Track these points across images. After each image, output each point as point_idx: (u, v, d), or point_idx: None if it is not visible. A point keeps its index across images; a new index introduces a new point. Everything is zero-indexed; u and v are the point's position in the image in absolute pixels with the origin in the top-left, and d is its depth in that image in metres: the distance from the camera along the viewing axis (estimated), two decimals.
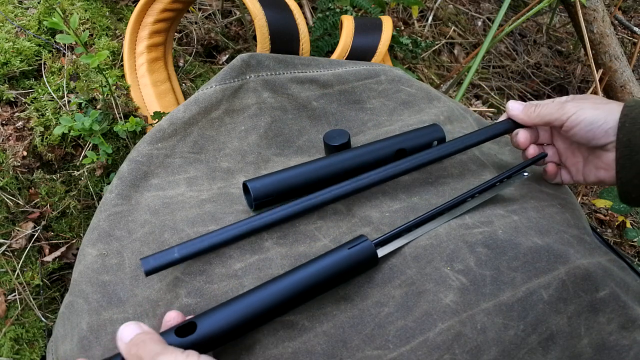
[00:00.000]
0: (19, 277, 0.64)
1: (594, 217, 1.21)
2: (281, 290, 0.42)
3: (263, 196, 0.50)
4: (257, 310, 0.41)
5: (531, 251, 0.49)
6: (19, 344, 0.64)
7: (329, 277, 0.43)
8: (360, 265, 0.45)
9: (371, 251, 0.45)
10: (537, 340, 0.45)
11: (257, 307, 0.41)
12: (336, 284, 0.45)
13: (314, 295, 0.44)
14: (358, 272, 0.46)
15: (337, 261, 0.44)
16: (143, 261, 0.43)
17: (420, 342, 0.43)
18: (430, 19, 1.39)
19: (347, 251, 0.45)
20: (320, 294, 0.44)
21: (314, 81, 0.62)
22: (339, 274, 0.44)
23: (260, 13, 0.64)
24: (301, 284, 0.42)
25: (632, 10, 1.75)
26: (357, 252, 0.45)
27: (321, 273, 0.43)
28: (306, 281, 0.43)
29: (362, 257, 0.45)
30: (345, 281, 0.45)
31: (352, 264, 0.44)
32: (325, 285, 0.44)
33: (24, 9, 0.75)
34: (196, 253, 0.45)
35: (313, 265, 0.44)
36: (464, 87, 0.95)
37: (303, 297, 0.43)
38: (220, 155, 0.57)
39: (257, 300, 0.41)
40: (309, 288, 0.43)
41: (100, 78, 0.70)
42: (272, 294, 0.42)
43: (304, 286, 0.42)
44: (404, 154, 0.56)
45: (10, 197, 0.64)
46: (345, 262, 0.44)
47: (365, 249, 0.45)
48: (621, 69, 1.20)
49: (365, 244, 0.45)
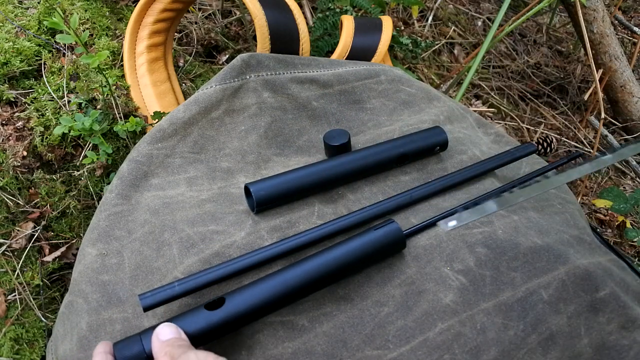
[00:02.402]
0: (19, 277, 0.64)
1: (594, 217, 1.21)
2: (309, 271, 0.43)
3: (265, 201, 0.50)
4: (285, 289, 0.42)
5: (531, 251, 0.49)
6: (19, 344, 0.64)
7: (356, 258, 0.45)
8: (388, 248, 0.46)
9: (398, 234, 0.46)
10: (537, 340, 0.45)
11: (284, 286, 0.42)
12: (363, 267, 0.46)
13: (340, 277, 0.45)
14: (386, 254, 0.47)
15: (365, 243, 0.45)
16: (140, 297, 0.42)
17: (420, 342, 0.43)
18: (430, 19, 1.39)
19: (373, 232, 0.46)
20: (347, 277, 0.45)
21: (314, 81, 0.62)
22: (366, 255, 0.45)
23: (260, 13, 0.64)
24: (328, 265, 0.44)
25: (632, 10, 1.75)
26: (385, 234, 0.46)
27: (349, 254, 0.45)
28: (334, 262, 0.44)
29: (390, 240, 0.46)
30: (372, 264, 0.46)
31: (379, 246, 0.46)
32: (352, 267, 0.45)
33: (24, 9, 0.75)
34: (197, 288, 0.43)
35: (341, 247, 0.45)
36: (464, 87, 0.95)
37: (329, 279, 0.44)
38: (220, 155, 0.57)
39: (284, 280, 0.43)
40: (335, 269, 0.44)
41: (100, 78, 0.70)
42: (299, 274, 0.43)
43: (331, 268, 0.44)
44: (406, 157, 0.56)
45: (10, 197, 0.64)
46: (372, 244, 0.45)
47: (393, 232, 0.46)
48: (621, 69, 1.20)
49: (393, 225, 0.46)
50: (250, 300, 0.42)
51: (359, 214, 0.50)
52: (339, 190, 0.54)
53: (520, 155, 0.59)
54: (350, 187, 0.55)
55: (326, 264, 0.44)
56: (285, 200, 0.51)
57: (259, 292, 0.42)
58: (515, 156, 0.58)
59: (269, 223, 0.50)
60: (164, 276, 0.47)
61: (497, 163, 0.57)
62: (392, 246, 0.47)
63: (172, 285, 0.42)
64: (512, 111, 1.33)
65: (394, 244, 0.47)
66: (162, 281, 0.47)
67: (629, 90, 1.23)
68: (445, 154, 0.59)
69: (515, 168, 0.62)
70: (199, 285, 0.43)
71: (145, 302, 0.41)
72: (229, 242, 0.48)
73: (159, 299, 0.42)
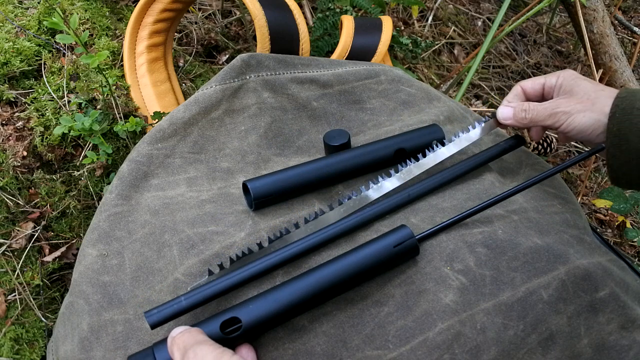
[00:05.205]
0: (19, 277, 0.64)
1: (594, 217, 1.21)
2: (321, 282, 0.43)
3: (263, 196, 0.50)
4: (300, 301, 0.42)
5: (531, 251, 0.49)
6: (19, 344, 0.64)
7: (371, 269, 0.44)
8: (401, 255, 0.46)
9: (412, 243, 0.46)
10: (536, 340, 0.45)
11: (300, 298, 0.42)
12: (375, 274, 0.46)
13: (352, 287, 0.45)
14: (398, 262, 0.46)
15: (377, 250, 0.45)
16: (146, 315, 0.41)
17: (420, 341, 0.43)
18: (430, 19, 1.39)
19: (386, 239, 0.46)
20: (361, 283, 0.45)
21: (314, 81, 0.62)
22: (378, 263, 0.45)
23: (260, 13, 0.64)
24: (342, 275, 0.43)
25: (632, 10, 1.75)
26: (397, 241, 0.46)
27: (363, 264, 0.44)
28: (347, 273, 0.44)
29: (403, 248, 0.46)
30: (385, 271, 0.46)
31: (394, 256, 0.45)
32: (365, 277, 0.45)
33: (24, 9, 0.75)
34: (204, 301, 0.43)
35: (354, 256, 0.45)
36: (464, 87, 0.95)
37: (342, 288, 0.44)
38: (220, 156, 0.57)
39: (299, 290, 0.42)
40: (349, 280, 0.44)
41: (100, 78, 0.70)
42: (313, 285, 0.43)
43: (345, 278, 0.44)
44: (403, 154, 0.56)
45: (10, 197, 0.64)
46: (384, 252, 0.45)
47: (405, 237, 0.46)
48: (621, 69, 1.20)
49: (405, 231, 0.46)
50: (265, 316, 0.41)
51: (359, 216, 0.50)
52: (337, 188, 0.54)
53: (510, 147, 0.59)
54: (348, 184, 0.55)
55: (338, 275, 0.43)
56: (283, 197, 0.51)
57: (274, 306, 0.41)
58: (504, 148, 0.58)
59: (269, 223, 0.50)
60: (165, 277, 0.47)
61: (489, 156, 0.57)
62: (406, 255, 0.46)
63: (178, 300, 0.41)
64: None
65: (408, 252, 0.46)
66: (162, 282, 0.47)
67: None
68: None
69: (516, 168, 0.62)
70: (207, 298, 0.42)
71: (152, 319, 0.40)
72: (229, 242, 0.48)
73: (165, 315, 0.41)
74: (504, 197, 0.50)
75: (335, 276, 0.43)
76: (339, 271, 0.44)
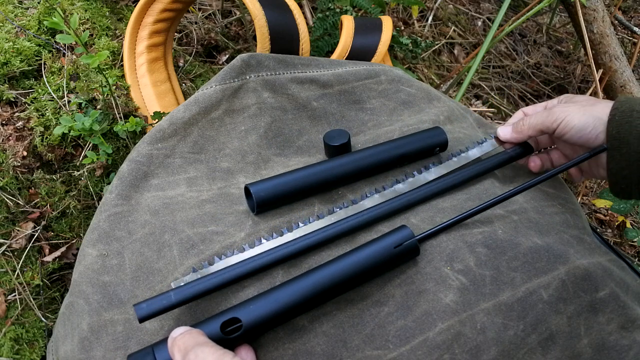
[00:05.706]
0: (19, 277, 0.64)
1: (594, 217, 1.21)
2: (322, 283, 0.43)
3: (265, 201, 0.50)
4: (300, 301, 0.42)
5: (531, 251, 0.49)
6: (19, 344, 0.64)
7: (371, 269, 0.44)
8: (401, 256, 0.46)
9: (411, 241, 0.46)
10: (536, 340, 0.45)
11: (300, 298, 0.42)
12: (376, 274, 0.45)
13: (353, 287, 0.45)
14: (398, 262, 0.46)
15: (377, 250, 0.45)
16: (136, 307, 0.41)
17: (420, 341, 0.43)
18: (430, 19, 1.39)
19: (387, 239, 0.46)
20: (361, 284, 0.45)
21: (314, 81, 0.62)
22: (379, 264, 0.45)
23: (260, 13, 0.64)
24: (341, 276, 0.43)
25: (632, 10, 1.75)
26: (397, 241, 0.46)
27: (363, 264, 0.44)
28: (347, 273, 0.44)
29: (404, 249, 0.46)
30: (386, 271, 0.46)
31: (394, 257, 0.45)
32: (365, 278, 0.45)
33: (24, 9, 0.75)
34: (194, 297, 0.42)
35: (354, 257, 0.45)
36: (464, 87, 0.95)
37: (341, 289, 0.44)
38: (220, 156, 0.57)
39: (300, 290, 0.42)
40: (348, 280, 0.44)
41: (100, 78, 0.70)
42: (313, 285, 0.43)
43: (344, 279, 0.43)
44: (406, 160, 0.56)
45: (10, 197, 0.64)
46: (385, 252, 0.45)
47: (406, 237, 0.46)
48: (621, 69, 1.20)
49: (406, 232, 0.46)
50: (265, 316, 0.41)
51: (359, 217, 0.50)
52: (338, 190, 0.54)
53: (517, 155, 0.59)
54: (350, 187, 0.55)
55: (338, 275, 0.43)
56: (286, 201, 0.51)
57: (274, 306, 0.41)
58: (510, 155, 0.58)
59: (269, 224, 0.50)
60: (165, 277, 0.47)
61: (494, 163, 0.57)
62: (406, 255, 0.46)
63: (167, 294, 0.41)
64: (512, 111, 1.33)
65: (408, 253, 0.46)
66: (162, 282, 0.47)
67: (628, 90, 1.23)
68: (445, 154, 0.59)
69: (516, 169, 0.62)
70: (197, 294, 0.42)
71: (141, 312, 0.40)
72: (229, 243, 0.48)
73: (154, 308, 0.41)
74: (505, 198, 0.50)
75: (336, 276, 0.43)
76: (339, 271, 0.43)
